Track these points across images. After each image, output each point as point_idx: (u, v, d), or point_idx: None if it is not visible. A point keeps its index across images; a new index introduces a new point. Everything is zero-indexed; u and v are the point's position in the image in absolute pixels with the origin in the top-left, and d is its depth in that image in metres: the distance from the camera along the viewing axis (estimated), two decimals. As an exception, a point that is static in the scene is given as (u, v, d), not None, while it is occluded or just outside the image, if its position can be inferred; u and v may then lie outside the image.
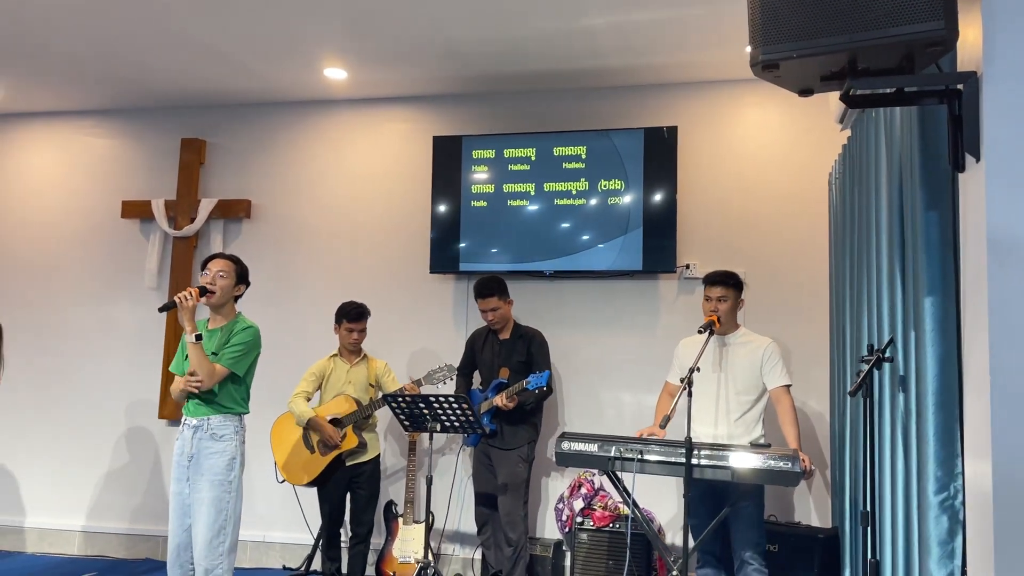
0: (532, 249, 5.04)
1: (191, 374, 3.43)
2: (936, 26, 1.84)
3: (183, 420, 3.54)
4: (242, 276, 3.64)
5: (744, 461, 3.44)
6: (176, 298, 3.38)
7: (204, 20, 4.36)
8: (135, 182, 5.75)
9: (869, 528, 2.78)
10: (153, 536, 5.45)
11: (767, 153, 4.93)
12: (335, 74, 5.07)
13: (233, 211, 5.55)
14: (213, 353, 3.48)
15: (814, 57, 1.99)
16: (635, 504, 3.74)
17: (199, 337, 3.41)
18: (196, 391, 3.44)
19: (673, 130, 4.88)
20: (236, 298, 3.65)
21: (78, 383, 5.68)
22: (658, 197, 4.87)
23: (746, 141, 4.97)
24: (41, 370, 5.71)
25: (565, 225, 5.00)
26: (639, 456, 3.54)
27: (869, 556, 2.77)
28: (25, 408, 5.69)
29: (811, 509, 4.65)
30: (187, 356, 3.54)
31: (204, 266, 3.60)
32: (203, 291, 3.49)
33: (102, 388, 5.65)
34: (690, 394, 3.50)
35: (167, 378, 5.46)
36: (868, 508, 2.78)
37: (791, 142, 4.90)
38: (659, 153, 4.88)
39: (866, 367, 2.76)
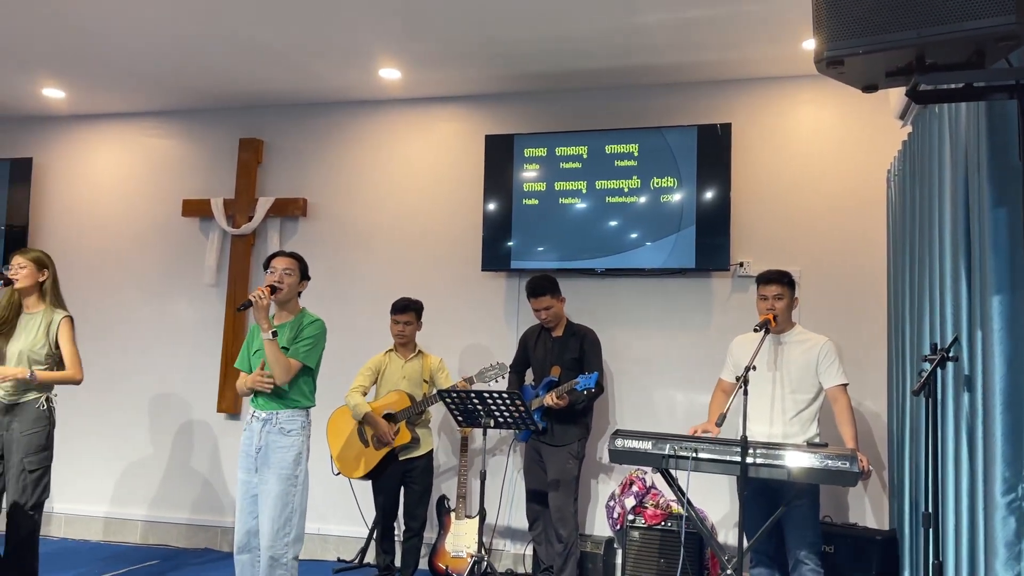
0: (583, 247, 5.05)
1: (262, 374, 3.50)
2: (1007, 20, 1.81)
3: (252, 412, 3.62)
4: (304, 272, 3.73)
5: (800, 460, 3.41)
6: (251, 297, 3.45)
7: (262, 23, 4.46)
8: (195, 181, 5.90)
9: (931, 530, 2.74)
10: (212, 527, 5.59)
11: (823, 150, 4.87)
12: (389, 74, 5.14)
13: (289, 209, 5.66)
14: (284, 348, 3.55)
15: (880, 53, 1.97)
16: (689, 503, 3.73)
17: (275, 334, 3.48)
18: (267, 390, 3.52)
19: (727, 127, 4.84)
20: (299, 294, 3.72)
21: (141, 377, 5.84)
22: (711, 194, 4.84)
23: (801, 138, 4.92)
24: (106, 364, 5.89)
25: (616, 223, 5.00)
26: (693, 454, 3.53)
27: (932, 558, 2.73)
28: (91, 400, 5.88)
29: (867, 511, 4.58)
30: (255, 352, 3.63)
31: (268, 264, 3.67)
32: (272, 289, 3.56)
33: (163, 382, 5.81)
34: (746, 392, 3.48)
35: (226, 372, 5.60)
36: (931, 509, 2.74)
37: (848, 138, 4.83)
38: (713, 150, 4.86)
39: (930, 366, 2.72)
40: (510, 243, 5.16)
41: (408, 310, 4.66)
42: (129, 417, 5.84)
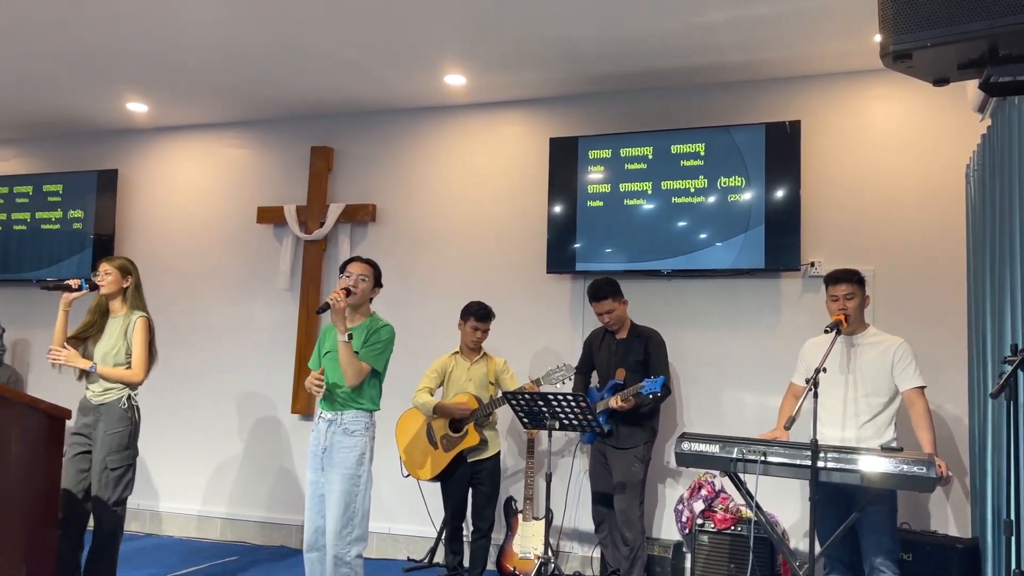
0: (649, 248, 5.01)
1: (317, 378, 3.58)
2: (1085, 7, 1.74)
3: (319, 413, 3.71)
4: (378, 279, 3.80)
5: (874, 465, 3.32)
6: (329, 300, 3.53)
7: (332, 34, 4.57)
8: (269, 189, 6.08)
9: (1013, 537, 2.64)
10: (286, 524, 5.74)
11: (897, 146, 4.73)
12: (454, 80, 5.20)
13: (359, 215, 5.78)
14: (355, 351, 3.61)
15: (950, 45, 1.91)
16: (759, 507, 3.67)
17: (350, 337, 3.55)
18: (317, 394, 3.61)
19: (796, 124, 4.75)
20: (370, 299, 3.79)
21: (219, 377, 6.04)
22: (781, 193, 4.75)
23: (874, 134, 4.78)
24: (187, 366, 6.12)
25: (683, 223, 4.95)
26: (762, 457, 3.47)
27: (1013, 567, 2.63)
28: (173, 401, 6.11)
29: (949, 518, 4.43)
30: (326, 353, 3.71)
31: (343, 269, 3.75)
32: (347, 293, 3.62)
33: (240, 383, 6.00)
34: (816, 395, 3.41)
35: (299, 374, 5.75)
36: (1012, 516, 2.64)
37: (923, 133, 4.68)
38: (781, 148, 4.77)
39: (1010, 368, 2.62)
40: (575, 245, 5.16)
41: (489, 318, 4.70)
42: (209, 416, 6.05)
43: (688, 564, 4.64)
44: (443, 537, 4.88)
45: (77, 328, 4.08)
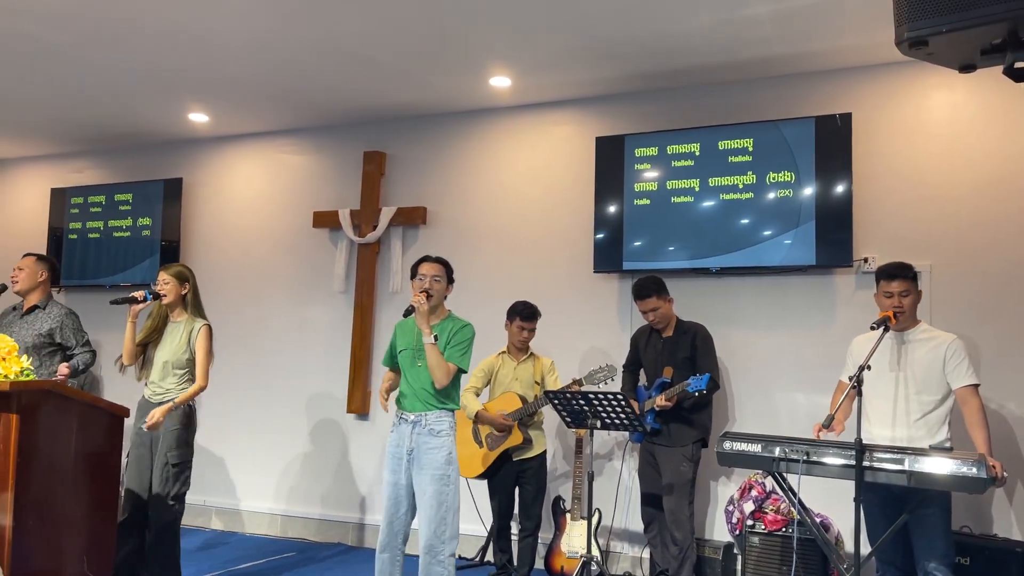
0: (697, 246, 4.96)
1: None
2: (1108, -15, 1.67)
3: (399, 414, 3.72)
4: (450, 277, 3.85)
5: (923, 465, 3.21)
6: (413, 303, 3.60)
7: (382, 41, 4.67)
8: (324, 194, 6.23)
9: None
10: (343, 522, 5.87)
11: (953, 136, 4.57)
12: (500, 82, 5.25)
13: (411, 218, 5.88)
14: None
15: (968, 30, 1.86)
16: (803, 507, 3.60)
17: (436, 338, 3.60)
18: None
19: (847, 117, 4.63)
20: (444, 298, 3.82)
21: (278, 379, 6.22)
22: (832, 188, 4.64)
23: (929, 124, 4.63)
24: (247, 367, 6.31)
25: (731, 220, 4.88)
26: (805, 457, 3.40)
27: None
28: (235, 401, 6.31)
29: (1012, 522, 4.25)
30: (401, 351, 3.76)
31: (415, 271, 3.78)
32: (427, 295, 3.67)
33: (297, 384, 6.17)
34: (860, 393, 3.33)
35: (355, 374, 5.88)
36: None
37: (981, 123, 4.51)
38: (832, 142, 4.65)
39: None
40: (622, 244, 5.14)
41: (535, 318, 4.74)
42: (269, 416, 6.23)
43: (739, 566, 4.57)
44: (492, 535, 4.92)
45: (139, 335, 4.27)
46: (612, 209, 5.19)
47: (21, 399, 3.30)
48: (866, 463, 3.29)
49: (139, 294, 4.18)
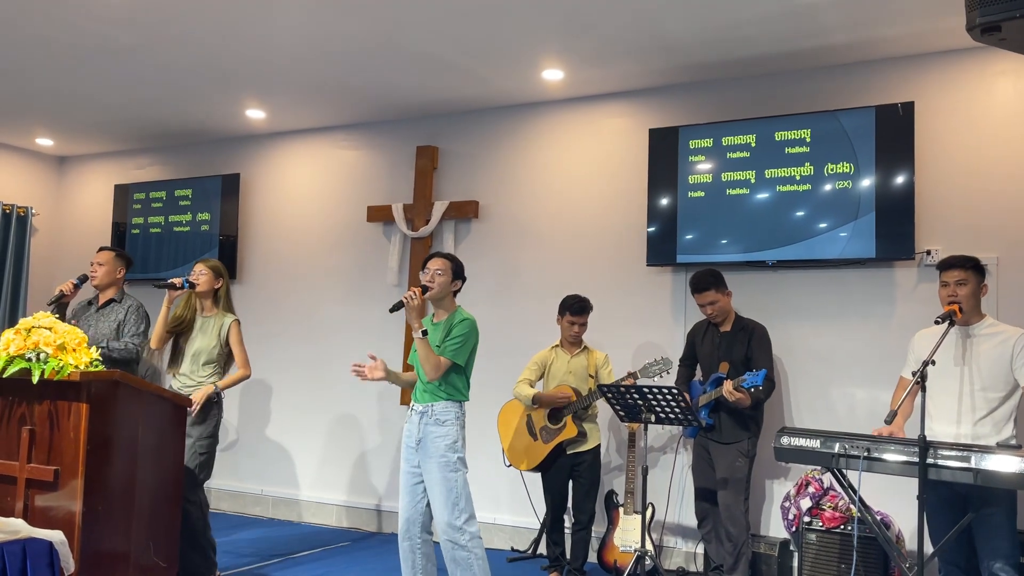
0: (753, 239, 4.89)
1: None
2: None
3: (411, 406, 3.82)
4: (457, 272, 3.86)
5: (990, 463, 3.12)
6: (403, 298, 3.66)
7: (435, 37, 4.70)
8: (378, 188, 6.30)
9: None
10: (392, 512, 5.92)
11: (1022, 125, 4.42)
12: (553, 75, 5.24)
13: (463, 212, 5.91)
14: (437, 346, 3.71)
15: (1044, 14, 1.80)
16: (863, 504, 3.53)
17: (425, 333, 3.67)
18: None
19: (909, 106, 4.52)
20: (455, 293, 3.87)
21: (335, 372, 6.31)
22: (893, 179, 4.54)
23: (995, 112, 4.49)
24: (306, 360, 6.42)
25: (788, 213, 4.80)
26: (865, 453, 3.34)
27: None
28: (293, 393, 6.43)
29: (1083, 523, 4.11)
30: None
31: (424, 265, 3.85)
32: (424, 289, 3.73)
33: (352, 376, 6.22)
34: (923, 389, 3.25)
35: (407, 367, 5.92)
36: None
37: (1053, 110, 4.36)
38: (893, 132, 4.55)
39: None
40: (676, 237, 5.09)
41: (585, 311, 4.73)
42: (326, 408, 6.34)
43: (795, 563, 4.51)
44: (545, 528, 4.94)
45: (170, 322, 4.39)
46: (666, 202, 5.15)
47: (91, 389, 3.42)
48: (930, 460, 3.21)
49: (178, 281, 4.34)
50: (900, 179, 4.51)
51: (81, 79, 5.64)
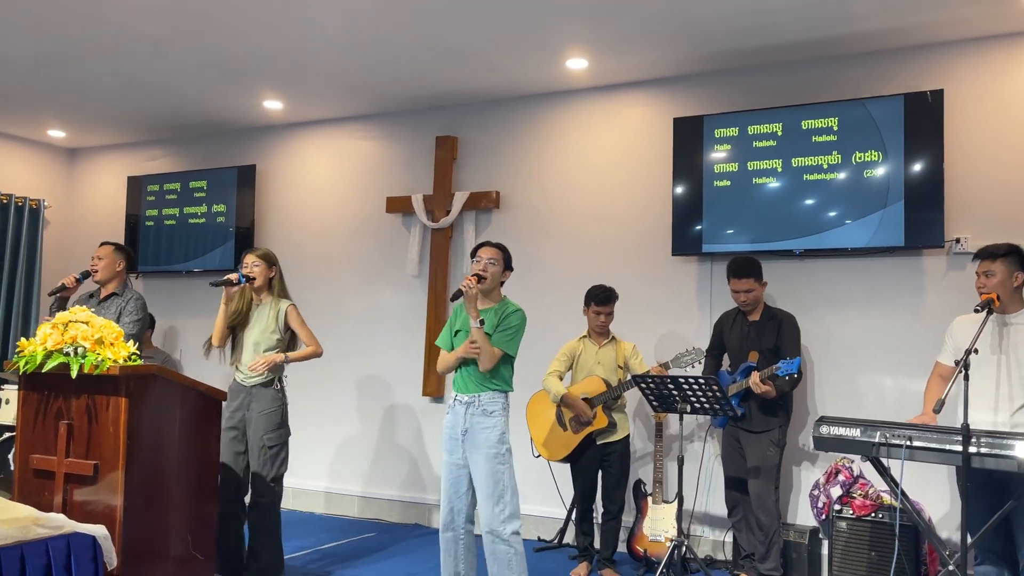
0: (779, 228, 4.88)
1: (472, 343, 3.62)
2: None
3: (454, 396, 3.76)
4: (507, 262, 3.84)
5: (1032, 451, 3.13)
6: (462, 286, 3.60)
7: (456, 27, 4.66)
8: (397, 179, 6.27)
9: None
10: (420, 503, 5.95)
11: (1054, 111, 4.42)
12: (576, 64, 5.21)
13: (483, 202, 5.89)
14: (488, 335, 3.66)
15: None
16: (904, 494, 3.54)
17: (482, 322, 3.62)
18: (476, 355, 3.61)
19: (938, 94, 4.50)
20: (501, 283, 3.84)
21: (353, 361, 6.30)
22: (922, 167, 4.53)
23: (1027, 99, 4.48)
24: (325, 352, 6.37)
25: (815, 201, 4.79)
26: (907, 442, 3.34)
27: None
28: (312, 384, 6.40)
29: (1115, 509, 4.12)
30: (457, 332, 3.78)
31: (474, 254, 3.81)
32: (479, 278, 3.68)
33: (373, 366, 6.24)
34: (966, 377, 3.25)
35: (430, 358, 5.93)
36: None
37: (1084, 97, 4.35)
38: (922, 120, 4.53)
39: None
40: (701, 226, 5.08)
41: (611, 301, 4.72)
42: (343, 399, 6.33)
43: (825, 551, 4.53)
44: (573, 518, 4.94)
45: (228, 316, 4.35)
46: (691, 191, 5.13)
47: (130, 383, 3.40)
48: (972, 449, 3.22)
49: (233, 277, 4.27)
50: (929, 167, 4.50)
51: (95, 70, 5.59)
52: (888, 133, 4.62)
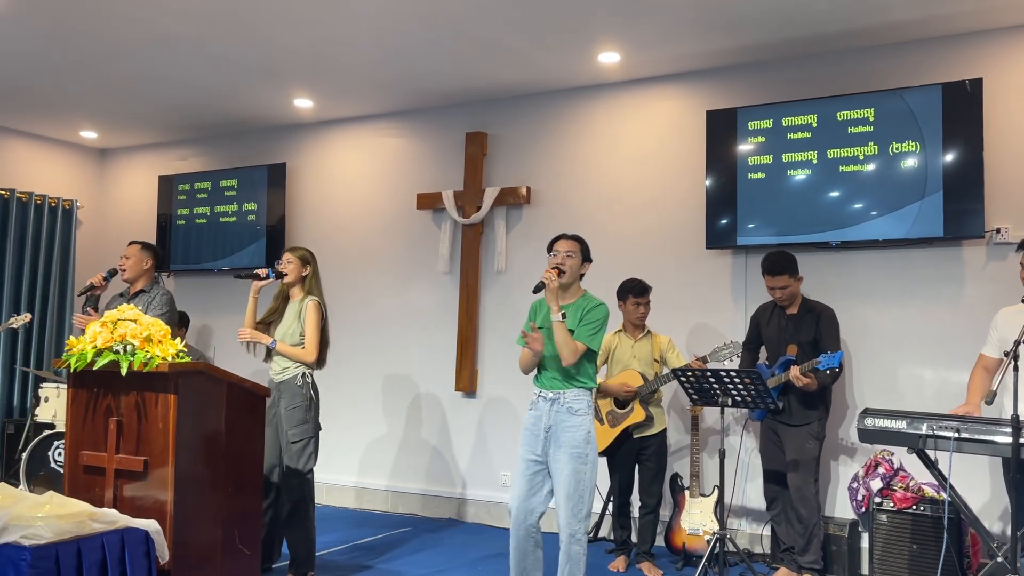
0: (814, 220, 4.86)
1: (535, 334, 3.58)
2: None
3: (537, 392, 3.67)
4: (586, 254, 3.74)
5: (1084, 442, 3.11)
6: (543, 280, 3.54)
7: (488, 21, 4.67)
8: (427, 176, 6.29)
9: None
10: (452, 498, 5.98)
11: (1096, 99, 4.37)
12: (608, 58, 5.20)
13: (514, 198, 5.89)
14: (569, 330, 3.58)
15: None
16: (952, 487, 3.52)
17: (564, 316, 3.54)
18: (536, 349, 3.55)
19: (977, 83, 4.47)
20: (581, 276, 3.75)
21: (385, 359, 6.34)
22: (961, 157, 4.49)
23: (1068, 87, 4.44)
24: (355, 348, 6.44)
25: (851, 193, 4.77)
26: (955, 434, 3.32)
27: None
28: (343, 380, 6.44)
29: None
30: (536, 328, 3.68)
31: (551, 247, 3.74)
32: (559, 272, 3.61)
33: (404, 363, 6.27)
34: (1016, 368, 3.23)
35: (462, 353, 5.95)
36: None
37: None
38: (960, 109, 4.50)
39: None
40: (735, 220, 5.07)
41: (647, 291, 4.72)
42: (374, 394, 6.36)
43: (865, 543, 4.51)
44: (610, 512, 4.95)
45: (263, 314, 4.41)
46: (724, 184, 5.12)
47: (178, 380, 3.43)
48: (1022, 440, 3.20)
49: (262, 271, 4.32)
50: (968, 156, 4.47)
51: (128, 70, 5.64)
52: (926, 123, 4.58)
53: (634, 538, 4.84)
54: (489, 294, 5.99)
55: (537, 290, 3.62)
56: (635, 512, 4.83)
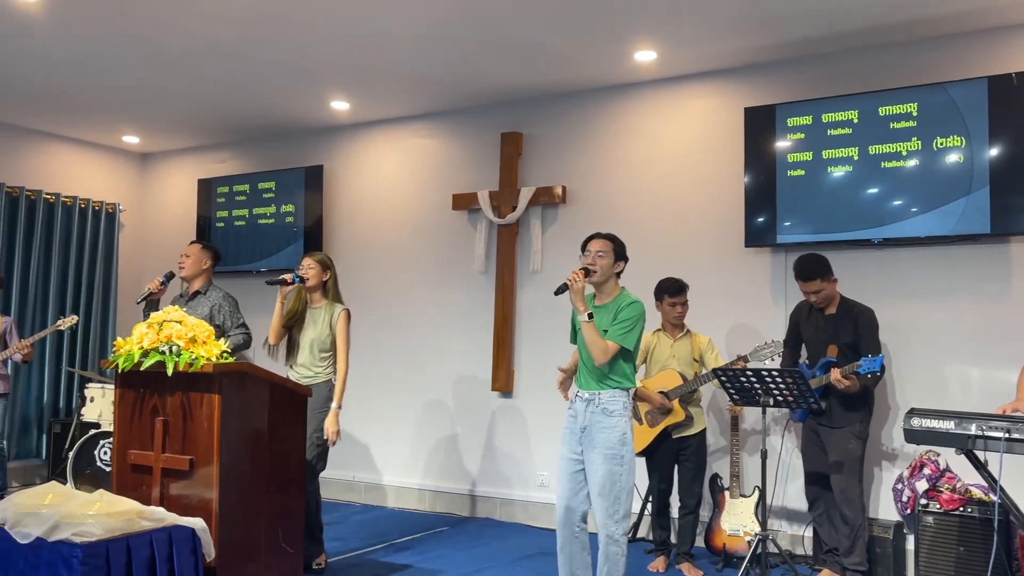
0: (856, 217, 4.79)
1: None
2: None
3: (576, 392, 3.68)
4: (619, 253, 3.72)
5: None
6: (567, 280, 3.54)
7: (526, 20, 4.67)
8: (462, 176, 6.30)
9: None
10: (491, 498, 5.99)
11: None
12: (645, 56, 5.17)
13: (550, 197, 5.89)
14: (604, 330, 3.56)
15: None
16: (1002, 488, 3.45)
17: (591, 316, 3.53)
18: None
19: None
20: (618, 274, 3.72)
21: (422, 359, 6.36)
22: (1008, 151, 4.40)
23: (1120, 79, 4.32)
24: (392, 348, 6.48)
25: (895, 189, 4.69)
26: (1006, 435, 3.25)
27: None
28: (381, 380, 6.50)
29: None
30: (577, 329, 3.67)
31: (583, 247, 3.73)
32: (586, 272, 3.60)
33: (441, 363, 6.29)
34: (1069, 367, 3.15)
35: (498, 353, 5.96)
36: None
37: None
38: (1008, 103, 4.41)
39: None
40: (774, 217, 5.01)
41: (684, 291, 4.69)
42: (412, 394, 6.39)
43: (910, 546, 4.44)
44: (649, 512, 4.92)
45: (285, 317, 4.49)
46: (763, 182, 5.06)
47: (222, 380, 3.48)
48: (1076, 441, 3.12)
49: (288, 276, 4.46)
50: (1016, 151, 4.38)
51: (170, 75, 5.72)
52: (971, 117, 4.50)
53: (673, 539, 4.81)
54: (525, 294, 5.99)
55: (559, 292, 3.61)
56: (674, 512, 4.80)
